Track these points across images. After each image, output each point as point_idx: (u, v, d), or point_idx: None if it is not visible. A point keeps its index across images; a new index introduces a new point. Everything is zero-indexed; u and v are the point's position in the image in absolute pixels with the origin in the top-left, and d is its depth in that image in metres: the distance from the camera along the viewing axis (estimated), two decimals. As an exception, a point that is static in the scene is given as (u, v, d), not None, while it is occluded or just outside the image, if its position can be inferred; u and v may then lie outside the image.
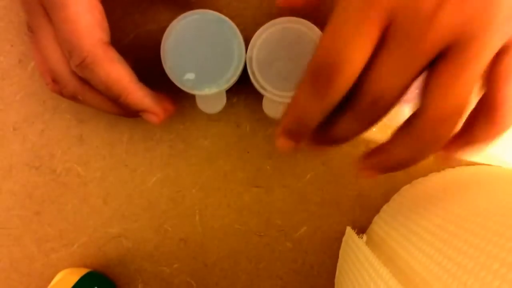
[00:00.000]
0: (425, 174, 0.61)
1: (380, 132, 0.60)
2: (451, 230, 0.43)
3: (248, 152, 0.61)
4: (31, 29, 0.50)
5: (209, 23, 0.52)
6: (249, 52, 0.53)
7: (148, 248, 0.63)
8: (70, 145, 0.61)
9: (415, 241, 0.47)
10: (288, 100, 0.48)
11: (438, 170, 0.61)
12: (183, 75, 0.53)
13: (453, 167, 0.61)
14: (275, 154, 0.61)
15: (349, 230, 0.60)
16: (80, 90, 0.49)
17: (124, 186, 0.61)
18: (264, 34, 0.52)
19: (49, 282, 0.61)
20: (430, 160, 0.61)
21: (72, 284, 0.57)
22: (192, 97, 0.56)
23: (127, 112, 0.52)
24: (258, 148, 0.61)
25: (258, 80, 0.53)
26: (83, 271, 0.60)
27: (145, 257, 0.63)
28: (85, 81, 0.49)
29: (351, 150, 0.61)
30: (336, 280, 0.62)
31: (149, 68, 0.58)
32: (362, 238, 0.58)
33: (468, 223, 0.42)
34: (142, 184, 0.61)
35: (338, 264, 0.62)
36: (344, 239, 0.62)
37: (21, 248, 0.62)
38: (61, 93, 0.51)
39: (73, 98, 0.51)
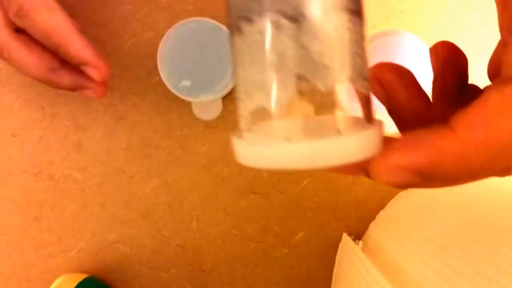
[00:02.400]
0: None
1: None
2: (447, 236, 0.43)
3: (245, 159, 0.61)
4: None
5: (206, 31, 0.53)
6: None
7: (145, 254, 0.63)
8: (69, 152, 0.61)
9: (411, 247, 0.47)
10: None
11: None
12: (179, 82, 0.53)
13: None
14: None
15: (345, 237, 0.61)
16: (6, 45, 0.48)
17: (122, 192, 0.62)
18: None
19: (48, 287, 0.61)
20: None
21: (70, 289, 0.58)
22: (189, 104, 0.56)
23: (58, 81, 0.50)
24: (255, 155, 0.61)
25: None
26: (81, 277, 0.60)
27: (143, 262, 0.63)
28: (15, 37, 0.48)
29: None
30: (332, 286, 0.63)
31: (146, 75, 0.59)
32: (358, 244, 0.59)
33: (463, 229, 0.42)
34: (139, 190, 0.62)
35: (335, 270, 0.62)
36: (340, 245, 0.62)
37: (19, 253, 0.62)
38: None
39: (8, 51, 0.49)
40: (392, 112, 0.30)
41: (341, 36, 0.24)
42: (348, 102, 0.25)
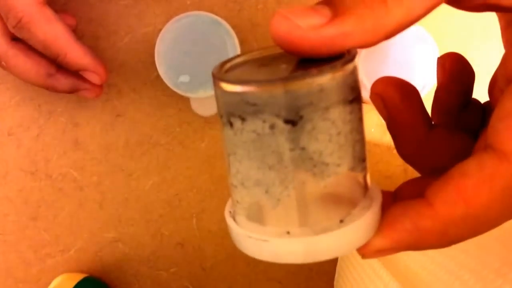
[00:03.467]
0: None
1: (380, 132, 0.60)
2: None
3: (245, 155, 0.61)
4: None
5: (204, 25, 0.52)
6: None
7: (145, 253, 0.62)
8: (66, 150, 0.60)
9: (414, 242, 0.47)
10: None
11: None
12: (177, 78, 0.52)
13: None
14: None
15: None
16: (4, 54, 0.49)
17: (120, 190, 0.61)
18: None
19: (46, 288, 0.60)
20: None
21: (68, 290, 0.57)
22: (188, 100, 0.55)
23: (56, 85, 0.52)
24: (255, 151, 0.61)
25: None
26: (79, 277, 0.59)
27: (142, 261, 0.62)
28: (13, 46, 0.49)
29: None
30: (335, 282, 0.62)
31: (144, 71, 0.58)
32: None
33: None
34: (138, 188, 0.61)
35: (338, 266, 0.62)
36: (343, 241, 0.61)
37: (17, 254, 0.61)
38: None
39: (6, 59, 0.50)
40: (391, 128, 0.30)
41: (340, 130, 0.23)
42: (348, 190, 0.25)
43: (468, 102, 0.31)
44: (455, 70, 0.30)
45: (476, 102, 0.31)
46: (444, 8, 0.28)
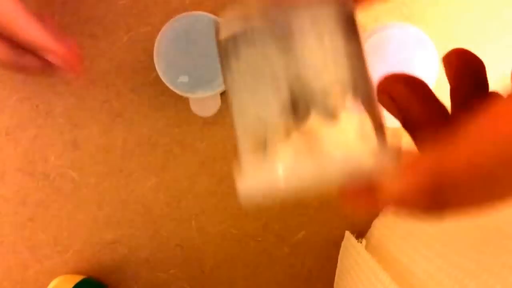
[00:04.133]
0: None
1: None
2: (452, 233, 0.42)
3: (244, 156, 0.60)
4: None
5: (203, 25, 0.52)
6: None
7: (143, 254, 0.62)
8: (64, 150, 0.60)
9: (415, 245, 0.46)
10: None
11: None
12: (176, 78, 0.52)
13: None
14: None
15: (348, 235, 0.60)
16: None
17: (119, 191, 0.61)
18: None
19: (43, 289, 0.60)
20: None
21: (66, 291, 0.57)
22: (187, 100, 0.55)
23: (25, 65, 0.47)
24: (254, 152, 0.60)
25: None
26: (77, 278, 0.59)
27: (141, 263, 0.62)
28: None
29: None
30: (335, 285, 0.62)
31: (142, 71, 0.58)
32: (361, 242, 0.58)
33: (468, 225, 0.41)
34: (137, 189, 0.61)
35: (337, 269, 0.61)
36: (343, 243, 0.61)
37: (14, 255, 0.61)
38: None
39: None
40: (407, 126, 0.28)
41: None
42: (350, 117, 0.24)
43: (487, 92, 0.30)
44: (462, 66, 0.29)
45: (496, 94, 0.30)
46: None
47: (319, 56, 0.22)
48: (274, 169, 0.23)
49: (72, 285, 0.58)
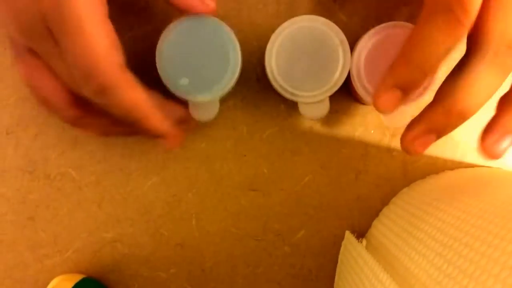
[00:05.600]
0: (423, 176, 0.60)
1: (379, 134, 0.60)
2: (451, 233, 0.42)
3: (244, 155, 0.60)
4: (26, 53, 0.46)
5: (205, 28, 0.51)
6: (267, 63, 0.52)
7: (144, 253, 0.62)
8: (64, 149, 0.60)
9: (415, 245, 0.46)
10: (320, 98, 0.51)
11: (437, 172, 0.60)
12: (177, 80, 0.52)
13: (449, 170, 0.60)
14: (272, 157, 0.60)
15: (348, 234, 0.60)
16: (79, 119, 0.49)
17: (119, 190, 0.61)
18: (278, 39, 0.51)
19: (43, 288, 0.60)
20: (429, 162, 0.60)
21: (66, 290, 0.57)
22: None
23: (130, 131, 0.52)
24: (255, 151, 0.60)
25: (286, 89, 0.52)
26: (77, 277, 0.59)
27: (141, 262, 0.62)
28: (84, 109, 0.48)
29: (349, 153, 0.60)
30: (335, 285, 0.62)
31: (143, 71, 0.58)
32: (361, 242, 0.58)
33: (468, 225, 0.41)
34: (137, 188, 0.61)
35: (337, 269, 0.61)
36: (343, 243, 0.61)
37: (14, 254, 0.61)
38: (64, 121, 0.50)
39: (75, 126, 0.51)
40: None
41: None
42: None
43: None
44: None
45: None
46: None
47: None
48: None
49: (72, 284, 0.58)
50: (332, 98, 0.52)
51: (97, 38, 0.40)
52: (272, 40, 0.51)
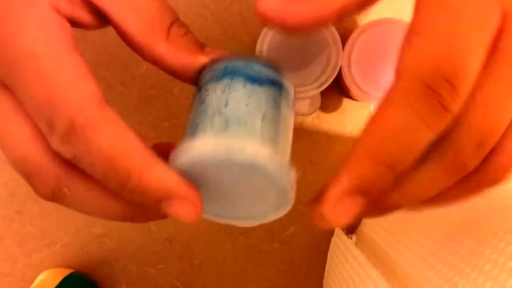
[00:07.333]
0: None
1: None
2: (443, 231, 0.42)
3: (235, 151, 0.60)
4: None
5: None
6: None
7: (132, 249, 0.61)
8: (53, 143, 0.59)
9: (405, 242, 0.46)
10: (311, 93, 0.50)
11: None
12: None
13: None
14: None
15: (338, 231, 0.60)
16: (65, 180, 0.30)
17: (108, 184, 0.60)
18: (269, 35, 0.51)
19: (31, 283, 0.60)
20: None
21: (54, 285, 0.56)
22: (177, 94, 0.54)
23: (137, 210, 0.33)
24: (245, 147, 0.60)
25: None
26: (65, 272, 0.59)
27: (129, 257, 0.62)
28: (71, 166, 0.30)
29: (340, 148, 0.60)
30: (324, 281, 0.62)
31: (133, 64, 0.57)
32: (351, 238, 0.58)
33: (459, 223, 0.41)
34: (126, 182, 0.60)
35: (327, 265, 0.61)
36: (333, 239, 0.61)
37: (2, 248, 0.61)
38: (39, 192, 0.31)
39: (55, 197, 0.31)
40: None
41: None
42: None
43: None
44: None
45: None
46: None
47: None
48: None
49: (60, 278, 0.57)
50: (323, 93, 0.52)
51: (58, 66, 0.28)
52: (263, 35, 0.51)
